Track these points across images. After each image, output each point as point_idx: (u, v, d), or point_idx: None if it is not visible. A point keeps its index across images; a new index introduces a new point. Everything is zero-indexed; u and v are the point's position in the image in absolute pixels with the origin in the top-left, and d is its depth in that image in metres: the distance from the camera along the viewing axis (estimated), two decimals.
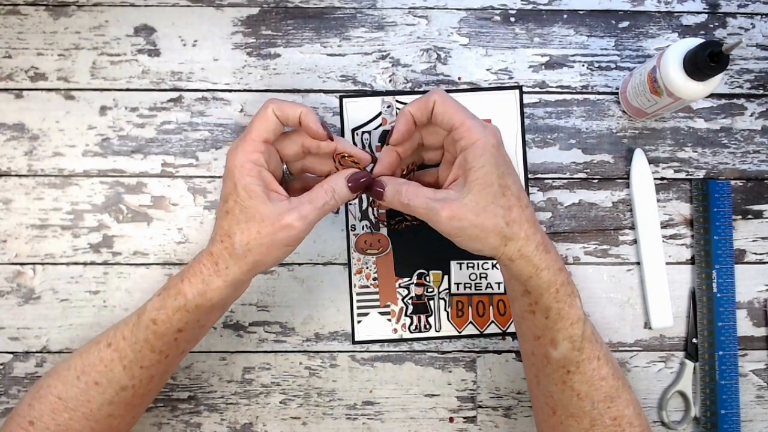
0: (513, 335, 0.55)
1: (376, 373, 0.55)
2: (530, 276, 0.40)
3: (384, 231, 0.55)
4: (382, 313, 0.54)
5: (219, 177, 0.55)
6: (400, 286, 0.55)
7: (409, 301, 0.54)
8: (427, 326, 0.55)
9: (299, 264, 0.55)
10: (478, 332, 0.55)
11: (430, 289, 0.55)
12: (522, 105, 0.56)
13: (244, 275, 0.42)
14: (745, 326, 0.55)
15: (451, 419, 0.54)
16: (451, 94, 0.54)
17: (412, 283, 0.55)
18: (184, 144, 0.56)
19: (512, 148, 0.55)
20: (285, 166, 0.47)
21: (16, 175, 0.55)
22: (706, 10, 0.57)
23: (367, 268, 0.55)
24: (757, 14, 0.57)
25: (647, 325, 0.55)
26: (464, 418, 0.54)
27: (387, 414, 0.54)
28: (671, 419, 0.54)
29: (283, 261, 0.54)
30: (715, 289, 0.54)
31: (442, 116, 0.42)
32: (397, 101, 0.56)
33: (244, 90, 0.56)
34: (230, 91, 0.56)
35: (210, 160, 0.55)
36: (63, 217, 0.55)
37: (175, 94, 0.56)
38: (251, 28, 0.56)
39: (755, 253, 0.55)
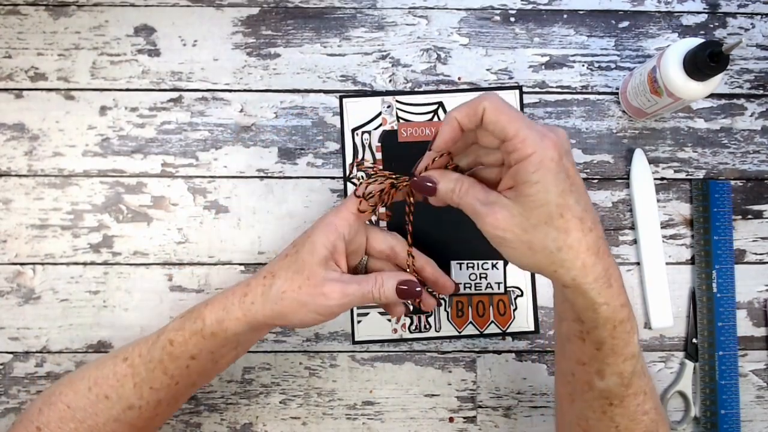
0: (513, 335, 0.55)
1: (376, 373, 0.55)
2: (585, 308, 0.37)
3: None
4: (381, 313, 0.54)
5: (219, 177, 0.55)
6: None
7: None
8: (427, 326, 0.55)
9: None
10: (478, 332, 0.55)
11: (430, 289, 0.55)
12: (522, 105, 0.56)
13: (266, 319, 0.41)
14: (745, 326, 0.55)
15: (451, 419, 0.54)
16: (452, 94, 0.55)
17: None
18: (184, 144, 0.56)
19: None
20: (366, 258, 0.47)
21: (16, 175, 0.55)
22: (706, 10, 0.57)
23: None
24: (757, 14, 0.57)
25: (647, 325, 0.55)
26: (464, 418, 0.54)
27: (387, 414, 0.54)
28: (671, 419, 0.54)
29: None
30: (715, 289, 0.54)
31: (494, 125, 0.37)
32: (397, 101, 0.56)
33: (244, 90, 0.56)
34: (230, 91, 0.56)
35: (210, 160, 0.55)
36: (63, 217, 0.55)
37: (175, 94, 0.56)
38: (251, 28, 0.56)
39: (755, 253, 0.55)
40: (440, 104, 0.56)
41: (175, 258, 0.55)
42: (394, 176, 0.43)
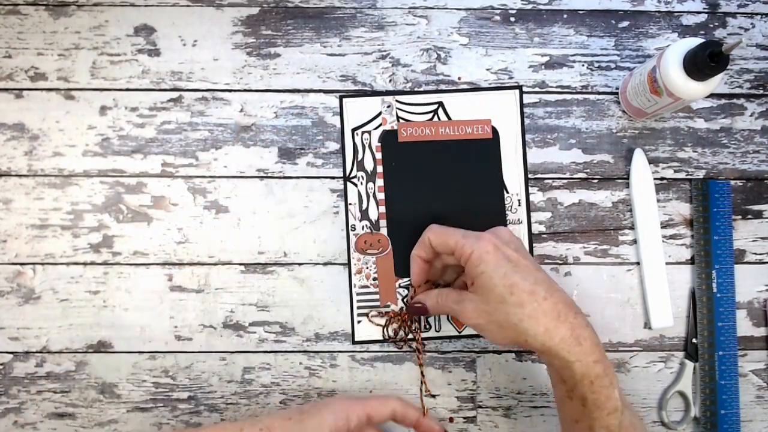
0: None
1: (376, 373, 0.55)
2: (562, 367, 0.42)
3: (384, 231, 0.55)
4: (378, 314, 0.54)
5: (219, 177, 0.55)
6: (400, 286, 0.55)
7: (405, 301, 0.54)
8: (427, 326, 0.55)
9: (299, 264, 0.55)
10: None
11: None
12: (522, 105, 0.56)
13: None
14: (744, 326, 0.55)
15: (451, 419, 0.54)
16: (452, 94, 0.55)
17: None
18: (184, 144, 0.56)
19: (512, 149, 0.55)
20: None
21: (16, 175, 0.55)
22: (706, 10, 0.57)
23: (367, 268, 0.55)
24: (757, 14, 0.57)
25: (647, 325, 0.55)
26: (464, 418, 0.54)
27: None
28: (671, 419, 0.55)
29: (283, 261, 0.55)
30: (715, 289, 0.54)
31: (441, 247, 0.47)
32: (397, 101, 0.56)
33: (244, 90, 0.56)
34: (230, 91, 0.56)
35: (210, 160, 0.55)
36: (63, 217, 0.55)
37: (175, 94, 0.56)
38: (251, 28, 0.56)
39: (755, 253, 0.55)
40: (440, 104, 0.56)
41: (175, 258, 0.55)
42: (399, 314, 0.54)
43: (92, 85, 0.56)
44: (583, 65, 0.56)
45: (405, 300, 0.54)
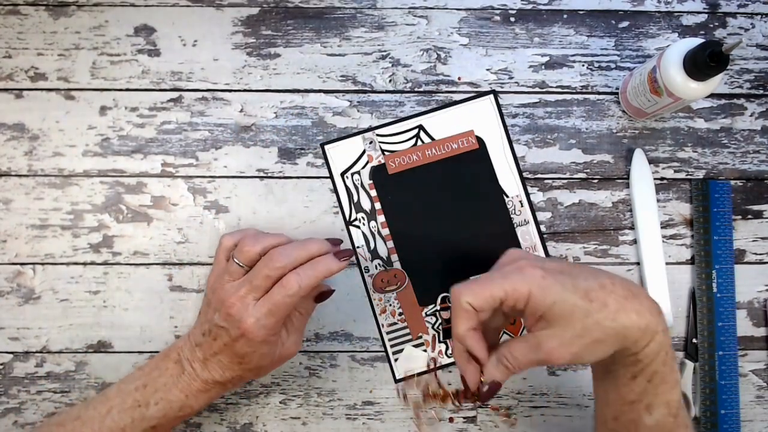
0: None
1: (376, 373, 0.55)
2: (647, 342, 0.38)
3: (397, 265, 0.54)
4: (416, 346, 0.54)
5: (219, 177, 0.55)
6: (426, 315, 0.54)
7: (440, 328, 0.54)
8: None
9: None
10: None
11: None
12: (500, 108, 0.55)
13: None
14: (745, 326, 0.55)
15: (451, 419, 0.54)
16: (430, 115, 0.55)
17: (438, 309, 0.54)
18: (184, 144, 0.56)
19: (501, 153, 0.55)
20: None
21: (16, 175, 0.55)
22: (706, 10, 0.57)
23: (390, 305, 0.54)
24: (757, 14, 0.57)
25: None
26: (464, 418, 0.54)
27: (387, 414, 0.54)
28: None
29: None
30: (715, 289, 0.54)
31: (486, 305, 0.39)
32: (377, 135, 0.55)
33: (244, 90, 0.56)
34: (230, 91, 0.56)
35: (210, 160, 0.55)
36: (63, 217, 0.55)
37: (175, 94, 0.56)
38: (251, 28, 0.56)
39: (755, 253, 0.55)
40: (420, 127, 0.55)
41: (175, 258, 0.55)
42: (454, 397, 0.53)
43: (92, 85, 0.56)
44: (583, 65, 0.56)
45: (468, 391, 0.44)
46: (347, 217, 0.55)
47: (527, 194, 0.55)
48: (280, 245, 0.44)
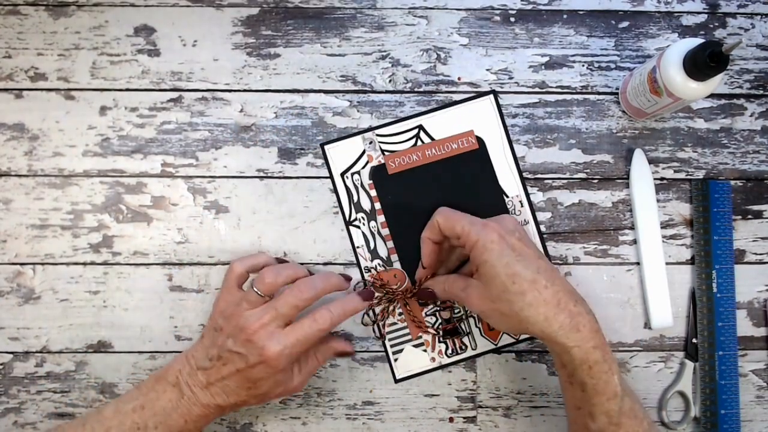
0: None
1: (376, 373, 0.55)
2: (561, 353, 0.43)
3: (397, 265, 0.54)
4: (416, 346, 0.54)
5: (219, 177, 0.55)
6: (426, 315, 0.54)
7: (440, 327, 0.54)
8: (463, 347, 0.54)
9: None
10: (515, 339, 0.54)
11: (456, 311, 0.54)
12: (500, 108, 0.55)
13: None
14: (744, 326, 0.55)
15: (451, 419, 0.54)
16: (430, 114, 0.55)
17: (438, 309, 0.54)
18: (184, 144, 0.56)
19: (501, 153, 0.55)
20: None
21: (16, 175, 0.55)
22: (706, 10, 0.57)
23: (380, 306, 0.54)
24: (757, 14, 0.57)
25: (647, 325, 0.55)
26: (464, 418, 0.54)
27: (387, 414, 0.54)
28: (671, 419, 0.55)
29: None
30: (715, 289, 0.54)
31: (448, 231, 0.48)
32: (377, 135, 0.55)
33: (244, 90, 0.56)
34: (230, 91, 0.56)
35: (210, 160, 0.55)
36: (63, 217, 0.55)
37: (175, 94, 0.56)
38: (251, 28, 0.56)
39: (755, 253, 0.55)
40: (420, 127, 0.55)
41: (175, 258, 0.55)
42: (392, 290, 0.54)
43: (92, 85, 0.56)
44: (583, 65, 0.56)
45: (415, 287, 0.53)
46: (347, 217, 0.55)
47: (527, 194, 0.55)
48: (299, 277, 0.48)
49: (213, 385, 0.46)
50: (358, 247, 0.54)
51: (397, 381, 0.54)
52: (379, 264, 0.54)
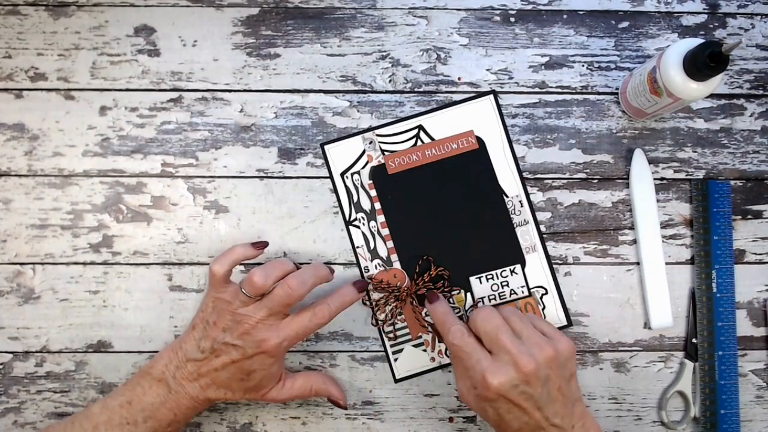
0: None
1: (376, 373, 0.55)
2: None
3: (397, 265, 0.54)
4: (416, 346, 0.54)
5: (219, 177, 0.55)
6: (426, 315, 0.54)
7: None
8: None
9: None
10: None
11: (456, 310, 0.54)
12: (500, 108, 0.55)
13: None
14: (744, 326, 0.55)
15: (450, 419, 0.54)
16: (430, 114, 0.55)
17: None
18: (184, 144, 0.56)
19: (501, 153, 0.55)
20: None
21: (16, 175, 0.55)
22: (706, 11, 0.57)
23: (389, 306, 0.54)
24: (757, 14, 0.57)
25: (647, 325, 0.55)
26: (464, 418, 0.54)
27: (387, 414, 0.54)
28: (671, 419, 0.55)
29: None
30: (714, 289, 0.54)
31: (463, 330, 0.48)
32: (377, 135, 0.55)
33: (244, 90, 0.56)
34: (230, 91, 0.56)
35: (210, 160, 0.55)
36: (63, 217, 0.55)
37: (175, 94, 0.56)
38: (251, 28, 0.56)
39: (755, 253, 0.55)
40: (420, 127, 0.55)
41: (175, 258, 0.55)
42: (397, 288, 0.54)
43: (92, 85, 0.56)
44: (583, 65, 0.56)
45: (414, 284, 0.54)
46: (347, 217, 0.55)
47: (527, 194, 0.55)
48: (287, 272, 0.48)
49: (204, 376, 0.47)
50: (358, 247, 0.55)
51: (397, 381, 0.54)
52: (378, 264, 0.54)
